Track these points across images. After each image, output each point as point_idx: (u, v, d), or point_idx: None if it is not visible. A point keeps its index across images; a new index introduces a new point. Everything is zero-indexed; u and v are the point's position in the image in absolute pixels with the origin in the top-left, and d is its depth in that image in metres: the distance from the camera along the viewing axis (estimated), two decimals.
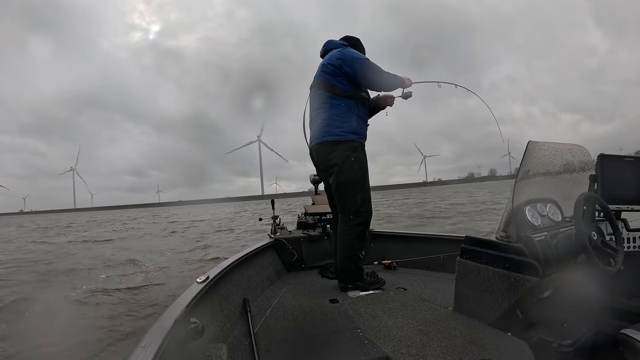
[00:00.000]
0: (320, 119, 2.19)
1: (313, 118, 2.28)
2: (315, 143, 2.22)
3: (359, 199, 2.15)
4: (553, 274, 1.38)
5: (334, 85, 2.16)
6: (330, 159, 2.16)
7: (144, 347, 1.00)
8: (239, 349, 1.49)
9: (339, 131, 2.13)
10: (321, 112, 2.19)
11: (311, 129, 2.30)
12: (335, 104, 2.15)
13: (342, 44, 2.29)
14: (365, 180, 2.18)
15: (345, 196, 2.17)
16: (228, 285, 1.91)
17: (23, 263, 8.53)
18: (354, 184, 2.14)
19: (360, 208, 2.16)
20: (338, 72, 2.15)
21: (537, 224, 1.50)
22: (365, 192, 2.17)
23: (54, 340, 3.36)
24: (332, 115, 2.15)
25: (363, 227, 2.18)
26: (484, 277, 1.51)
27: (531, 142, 1.48)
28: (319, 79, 2.23)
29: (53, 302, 4.73)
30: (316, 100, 2.24)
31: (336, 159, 2.14)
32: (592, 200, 1.49)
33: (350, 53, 2.18)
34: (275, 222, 3.25)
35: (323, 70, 2.20)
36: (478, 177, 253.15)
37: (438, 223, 11.92)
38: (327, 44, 2.33)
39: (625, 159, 1.71)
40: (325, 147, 2.17)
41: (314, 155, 2.28)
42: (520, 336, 1.35)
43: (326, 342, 1.51)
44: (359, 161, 2.15)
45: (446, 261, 2.45)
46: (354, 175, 2.14)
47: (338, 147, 2.14)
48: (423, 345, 1.37)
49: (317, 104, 2.22)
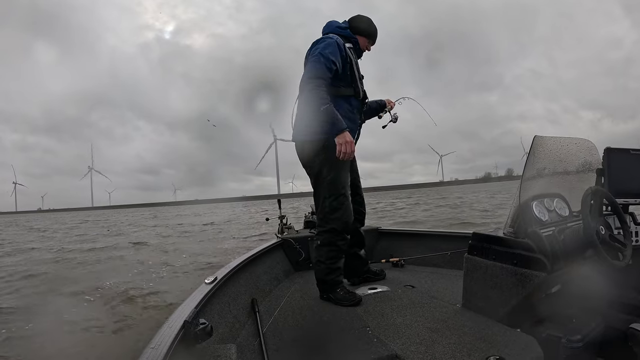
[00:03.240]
0: (296, 115, 2.03)
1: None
2: (295, 141, 2.06)
3: (327, 204, 1.96)
4: (561, 269, 1.38)
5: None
6: (304, 159, 2.02)
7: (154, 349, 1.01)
8: (248, 349, 1.50)
9: (308, 130, 1.93)
10: (298, 107, 2.02)
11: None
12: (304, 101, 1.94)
13: (339, 27, 2.05)
14: (337, 184, 1.95)
15: (317, 199, 2.03)
16: (236, 285, 1.92)
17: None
18: (322, 188, 1.97)
19: (329, 215, 1.97)
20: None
21: (545, 219, 1.49)
22: (335, 197, 1.95)
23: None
24: (302, 112, 1.97)
25: (332, 235, 1.97)
26: (492, 273, 1.51)
27: (537, 137, 1.48)
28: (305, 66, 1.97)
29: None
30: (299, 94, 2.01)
31: (309, 158, 1.98)
32: (599, 194, 1.48)
33: (316, 45, 1.93)
34: (282, 221, 3.27)
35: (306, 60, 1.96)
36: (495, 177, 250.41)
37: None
38: (326, 27, 2.08)
39: (632, 152, 1.70)
40: (299, 146, 2.02)
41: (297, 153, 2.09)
42: (529, 332, 1.34)
43: (335, 341, 1.52)
44: (328, 162, 1.93)
45: (454, 258, 2.44)
46: (323, 179, 1.96)
47: (309, 146, 1.96)
48: (432, 342, 1.37)
49: (299, 98, 2.01)
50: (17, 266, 7.77)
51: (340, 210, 1.96)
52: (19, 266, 7.75)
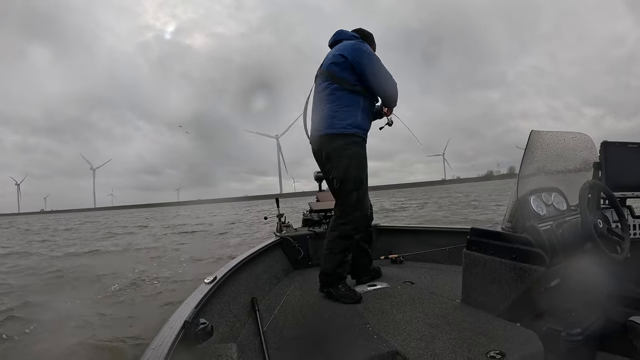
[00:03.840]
0: (325, 110, 2.09)
1: (316, 109, 2.18)
2: (317, 135, 2.12)
3: (354, 197, 2.04)
4: (560, 263, 1.38)
5: (342, 78, 2.06)
6: (331, 152, 2.06)
7: (154, 349, 1.01)
8: (249, 348, 1.50)
9: (344, 124, 2.04)
10: (326, 103, 2.09)
11: (313, 120, 2.20)
12: (341, 96, 2.06)
13: (354, 36, 2.20)
14: (363, 178, 2.08)
15: (341, 193, 2.08)
16: (236, 284, 1.92)
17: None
18: (351, 181, 2.04)
19: (353, 208, 2.04)
20: (348, 64, 2.05)
21: (543, 214, 1.49)
22: (361, 191, 2.06)
23: None
24: (338, 107, 2.06)
25: (351, 228, 2.05)
26: (491, 268, 1.51)
27: (534, 132, 1.48)
28: (326, 69, 2.13)
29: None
30: (321, 91, 2.13)
31: (337, 152, 2.04)
32: (596, 187, 1.48)
33: (363, 46, 2.10)
34: (281, 220, 3.27)
35: (333, 62, 2.10)
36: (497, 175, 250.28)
37: None
38: (338, 33, 2.24)
39: (629, 145, 1.70)
40: (327, 140, 2.07)
41: (314, 147, 2.17)
42: (529, 326, 1.35)
43: (335, 338, 1.52)
44: (359, 157, 2.07)
45: (453, 253, 2.45)
46: (354, 172, 2.04)
47: (340, 140, 2.04)
48: (432, 338, 1.37)
49: (323, 95, 2.12)
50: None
51: (363, 204, 2.08)
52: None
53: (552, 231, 1.41)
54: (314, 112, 2.20)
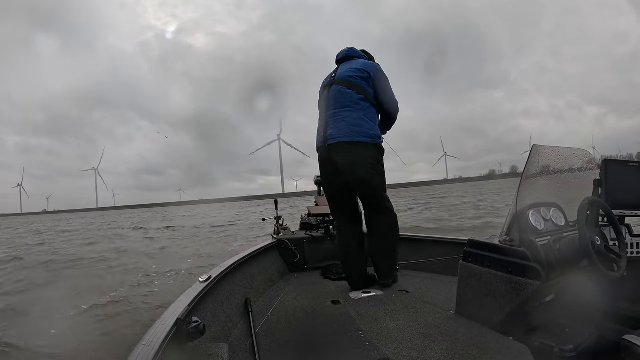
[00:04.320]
0: (351, 117, 2.19)
1: (336, 115, 2.23)
2: (342, 141, 2.17)
3: (387, 197, 2.29)
4: (556, 279, 1.38)
5: (367, 92, 2.22)
6: (359, 159, 2.17)
7: (145, 345, 1.01)
8: (240, 348, 1.49)
9: (372, 134, 2.19)
10: (351, 111, 2.20)
11: (331, 126, 2.22)
12: (366, 107, 2.21)
13: (364, 56, 2.42)
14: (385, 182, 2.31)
15: (379, 195, 2.26)
16: (230, 284, 1.92)
17: None
18: (377, 184, 2.24)
19: (390, 204, 2.30)
20: (370, 81, 2.23)
21: (541, 228, 1.49)
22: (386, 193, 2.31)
23: None
24: (366, 117, 2.20)
25: (395, 218, 2.32)
26: (487, 280, 1.51)
27: (535, 146, 1.48)
28: (348, 79, 2.24)
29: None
30: (342, 98, 2.23)
31: (370, 159, 2.19)
32: (596, 205, 1.48)
33: (380, 68, 2.31)
34: (279, 222, 3.26)
35: (358, 75, 2.24)
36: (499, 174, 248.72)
37: None
38: (351, 50, 2.42)
39: (630, 164, 1.70)
40: (356, 147, 2.16)
41: (333, 152, 2.20)
42: (522, 340, 1.34)
43: (327, 343, 1.52)
44: (380, 163, 2.25)
45: (449, 264, 2.44)
46: (378, 177, 2.22)
47: (371, 149, 2.19)
48: (424, 348, 1.37)
49: (344, 102, 2.22)
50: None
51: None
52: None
53: (550, 246, 1.41)
54: (332, 118, 2.25)
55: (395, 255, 2.32)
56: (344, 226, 2.36)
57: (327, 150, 2.21)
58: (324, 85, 2.34)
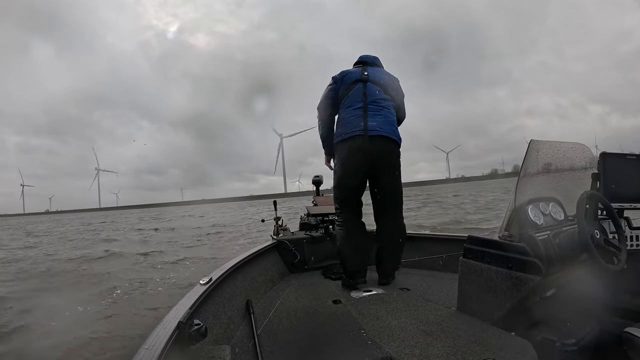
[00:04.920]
0: (389, 115, 2.30)
1: (375, 110, 2.28)
2: (384, 135, 2.24)
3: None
4: (556, 273, 1.38)
5: (394, 98, 2.37)
6: (393, 159, 2.29)
7: (147, 349, 1.01)
8: (243, 350, 1.49)
9: (400, 137, 2.32)
10: (388, 114, 2.31)
11: (371, 118, 2.25)
12: (394, 112, 2.35)
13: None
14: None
15: (400, 199, 2.36)
16: (231, 286, 1.91)
17: None
18: (400, 185, 2.34)
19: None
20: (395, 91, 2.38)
21: (540, 223, 1.49)
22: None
23: None
24: (395, 122, 2.34)
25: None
26: (487, 276, 1.51)
27: (533, 141, 1.48)
28: (385, 83, 2.36)
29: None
30: (380, 97, 2.32)
31: (397, 160, 2.30)
32: (594, 198, 1.49)
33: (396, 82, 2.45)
34: (278, 223, 3.26)
35: (391, 82, 2.39)
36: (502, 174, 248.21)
37: None
38: (377, 59, 2.52)
39: (628, 156, 1.71)
40: (392, 144, 2.28)
41: (374, 143, 2.22)
42: (524, 335, 1.34)
43: (329, 343, 1.51)
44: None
45: (449, 261, 2.45)
46: (400, 177, 2.32)
47: (399, 151, 2.31)
48: (426, 345, 1.37)
49: (381, 102, 2.31)
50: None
51: None
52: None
53: (549, 241, 1.41)
54: (372, 109, 2.29)
55: (401, 256, 2.38)
56: (352, 219, 2.36)
57: (366, 140, 2.21)
58: (355, 80, 2.34)
